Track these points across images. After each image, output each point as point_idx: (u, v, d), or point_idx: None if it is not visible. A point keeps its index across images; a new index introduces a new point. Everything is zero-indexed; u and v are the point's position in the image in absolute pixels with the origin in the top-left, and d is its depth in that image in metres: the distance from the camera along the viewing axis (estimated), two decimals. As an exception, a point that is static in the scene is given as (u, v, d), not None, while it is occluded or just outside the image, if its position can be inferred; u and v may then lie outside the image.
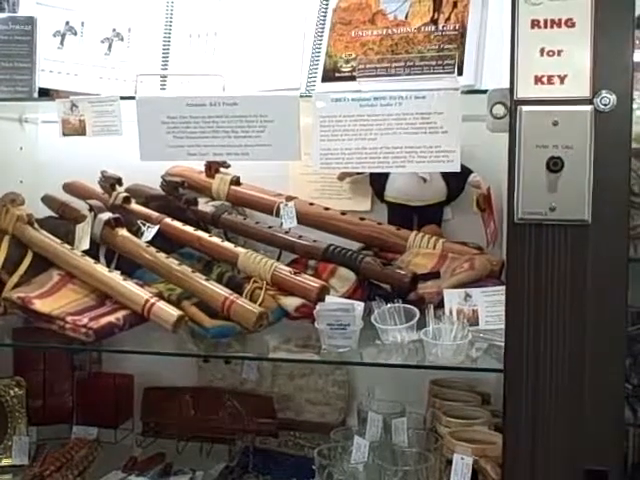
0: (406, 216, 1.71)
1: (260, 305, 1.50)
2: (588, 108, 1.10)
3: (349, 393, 1.83)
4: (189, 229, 1.70)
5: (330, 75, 1.55)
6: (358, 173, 1.75)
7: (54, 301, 1.59)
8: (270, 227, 1.70)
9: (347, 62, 1.54)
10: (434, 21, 1.50)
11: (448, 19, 1.49)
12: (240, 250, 1.63)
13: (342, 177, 1.78)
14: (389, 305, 1.43)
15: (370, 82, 1.43)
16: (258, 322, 1.46)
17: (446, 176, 1.68)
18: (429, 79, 1.42)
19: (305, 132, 1.39)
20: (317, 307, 1.43)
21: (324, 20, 1.60)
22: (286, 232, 1.68)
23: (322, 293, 1.50)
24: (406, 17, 1.52)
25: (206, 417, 1.81)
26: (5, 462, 1.77)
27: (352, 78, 1.49)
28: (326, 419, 1.80)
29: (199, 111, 1.47)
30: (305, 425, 1.80)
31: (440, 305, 1.43)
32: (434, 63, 1.46)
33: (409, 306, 1.43)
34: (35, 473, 1.69)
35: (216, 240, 1.67)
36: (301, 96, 1.45)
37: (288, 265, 1.61)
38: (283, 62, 1.61)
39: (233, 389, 1.85)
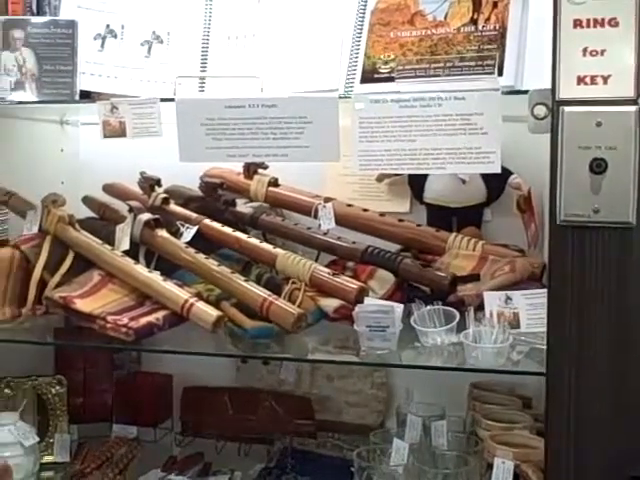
0: (445, 218, 1.70)
1: (299, 306, 1.50)
2: (632, 109, 1.09)
3: (388, 395, 1.82)
4: (228, 230, 1.70)
5: (369, 76, 1.54)
6: (396, 174, 1.74)
7: (95, 301, 1.60)
8: (308, 228, 1.70)
9: (386, 63, 1.54)
10: (474, 21, 1.48)
11: (488, 19, 1.47)
12: (279, 251, 1.63)
13: (380, 178, 1.78)
14: (428, 307, 1.42)
15: (409, 83, 1.43)
16: (297, 323, 1.46)
17: (486, 177, 1.67)
18: (469, 80, 1.41)
19: (343, 133, 1.39)
20: (356, 309, 1.42)
21: (362, 21, 1.60)
22: (324, 233, 1.68)
23: (361, 295, 1.50)
24: (445, 17, 1.51)
25: (244, 417, 1.81)
26: (47, 459, 1.80)
27: (391, 79, 1.48)
28: (364, 421, 1.80)
29: (238, 113, 1.47)
30: (343, 427, 1.80)
31: (480, 308, 1.42)
32: (474, 64, 1.45)
33: (449, 308, 1.42)
34: (76, 470, 1.72)
35: (255, 241, 1.67)
36: (340, 97, 1.45)
37: (326, 266, 1.61)
38: (321, 63, 1.61)
39: (271, 390, 1.85)
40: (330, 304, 1.52)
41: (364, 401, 1.81)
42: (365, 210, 1.70)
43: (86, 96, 1.70)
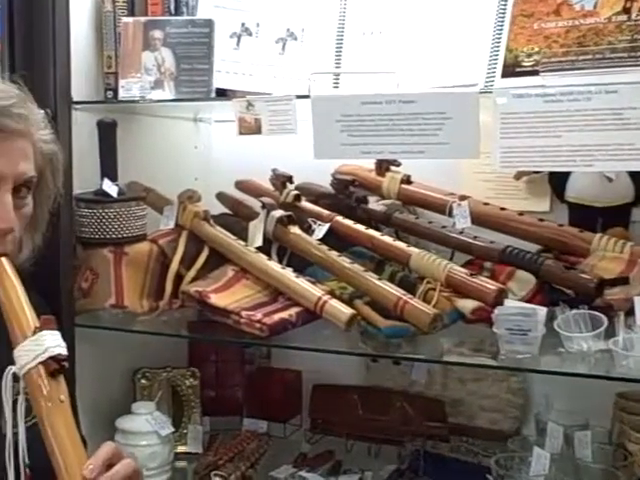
0: (589, 217, 1.62)
1: (434, 306, 1.47)
2: None
3: (524, 401, 1.76)
4: (361, 228, 1.68)
5: (510, 70, 1.48)
6: (536, 172, 1.68)
7: (229, 296, 1.63)
8: (443, 227, 1.66)
9: (529, 56, 1.47)
10: (626, 10, 1.40)
11: (642, 7, 1.39)
12: (413, 250, 1.60)
13: (519, 176, 1.72)
14: (574, 311, 1.36)
15: (555, 77, 1.37)
16: (433, 324, 1.43)
17: (634, 175, 1.58)
18: (621, 72, 1.34)
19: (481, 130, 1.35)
20: (496, 311, 1.38)
21: (504, 13, 1.54)
22: (460, 232, 1.63)
23: (500, 296, 1.44)
24: (594, 7, 1.43)
25: (374, 417, 1.79)
26: (181, 449, 1.84)
27: (535, 73, 1.42)
28: (499, 426, 1.74)
29: (374, 109, 1.45)
30: (477, 431, 1.75)
31: (629, 313, 1.34)
32: (626, 55, 1.36)
33: (596, 313, 1.35)
34: (209, 462, 1.74)
35: (388, 239, 1.64)
36: (480, 92, 1.41)
37: (462, 266, 1.56)
38: (460, 57, 1.57)
39: (402, 390, 1.82)
40: (467, 305, 1.48)
41: (499, 406, 1.75)
42: (502, 209, 1.64)
43: (221, 94, 1.73)
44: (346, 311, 1.48)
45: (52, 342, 0.97)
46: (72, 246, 1.69)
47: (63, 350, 0.98)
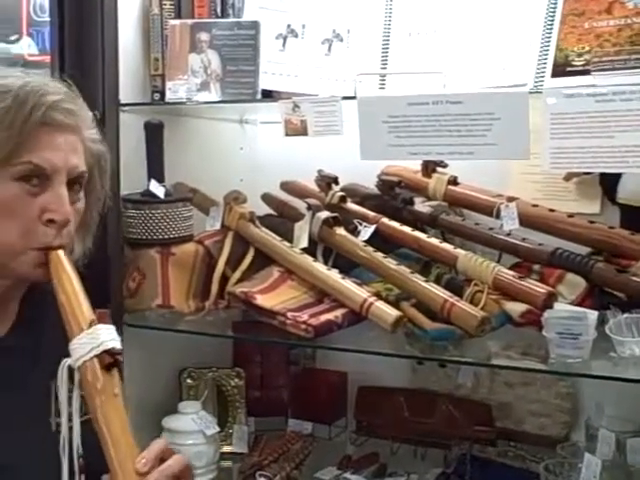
0: (642, 219, 1.59)
1: (482, 309, 1.45)
2: None
3: (573, 406, 1.73)
4: (407, 229, 1.67)
5: (560, 70, 1.46)
6: (586, 173, 1.65)
7: (274, 297, 1.63)
8: (490, 229, 1.64)
9: (580, 55, 1.45)
10: (681, 8, 1.37)
11: (697, 5, 1.36)
12: (460, 252, 1.58)
13: (568, 177, 1.69)
14: (626, 315, 1.33)
15: (607, 76, 1.34)
16: (480, 327, 1.41)
17: (688, 176, 1.54)
18: (675, 71, 1.31)
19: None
20: (545, 314, 1.36)
21: (553, 12, 1.52)
22: (507, 234, 1.61)
23: (550, 300, 1.42)
24: (648, 5, 1.41)
25: (420, 420, 1.77)
26: (226, 449, 1.85)
27: (586, 72, 1.40)
28: (547, 432, 1.71)
29: (421, 110, 1.45)
30: (524, 436, 1.72)
31: (684, 318, 1.31)
32: (680, 54, 1.34)
33: (649, 317, 1.33)
34: (254, 462, 1.75)
35: (435, 241, 1.63)
36: (530, 92, 1.39)
37: (510, 269, 1.54)
38: (508, 57, 1.55)
39: (448, 393, 1.81)
40: (516, 308, 1.46)
41: (547, 411, 1.72)
42: (552, 210, 1.62)
43: (267, 95, 1.73)
44: (392, 313, 1.47)
45: (107, 336, 0.98)
46: (120, 247, 1.71)
47: (118, 344, 0.99)
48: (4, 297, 1.14)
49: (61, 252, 1.07)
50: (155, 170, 1.75)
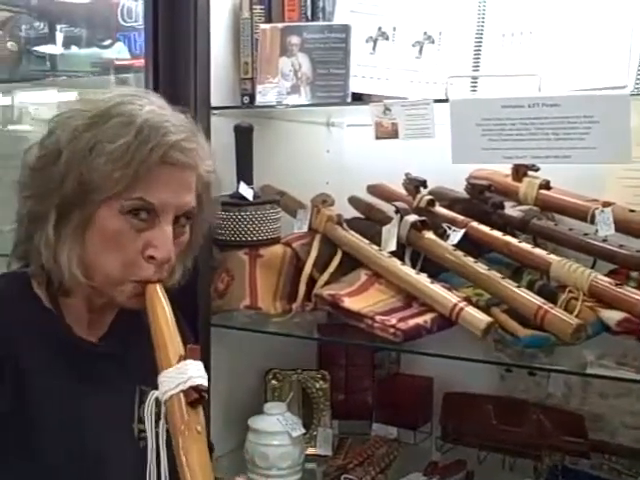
0: None
1: (577, 316, 1.41)
2: None
3: (671, 420, 1.67)
4: (497, 234, 1.64)
5: (663, 71, 1.42)
6: (687, 177, 1.59)
7: (362, 300, 1.62)
8: (585, 234, 1.59)
9: (682, 57, 1.40)
10: None
11: None
12: (553, 257, 1.54)
13: (669, 182, 1.64)
14: None
15: None
16: (575, 334, 1.37)
17: None
18: None
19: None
20: (646, 323, 1.32)
21: (656, 11, 1.47)
22: (603, 240, 1.57)
23: (649, 308, 1.38)
24: None
25: (508, 429, 1.73)
26: (310, 451, 1.85)
27: (690, 74, 1.36)
28: (643, 445, 1.66)
29: (516, 113, 1.42)
30: (619, 449, 1.65)
31: None
32: None
33: None
34: (339, 465, 1.74)
35: (527, 246, 1.59)
36: (631, 94, 1.35)
37: (606, 276, 1.50)
38: (606, 58, 1.51)
39: (537, 402, 1.76)
40: (613, 316, 1.41)
41: (643, 423, 1.68)
42: (651, 216, 1.57)
43: (357, 98, 1.73)
44: (484, 318, 1.45)
45: (195, 372, 0.99)
46: (210, 248, 1.73)
47: (204, 381, 0.99)
48: (101, 309, 1.18)
49: (158, 286, 1.09)
50: (244, 173, 1.77)
